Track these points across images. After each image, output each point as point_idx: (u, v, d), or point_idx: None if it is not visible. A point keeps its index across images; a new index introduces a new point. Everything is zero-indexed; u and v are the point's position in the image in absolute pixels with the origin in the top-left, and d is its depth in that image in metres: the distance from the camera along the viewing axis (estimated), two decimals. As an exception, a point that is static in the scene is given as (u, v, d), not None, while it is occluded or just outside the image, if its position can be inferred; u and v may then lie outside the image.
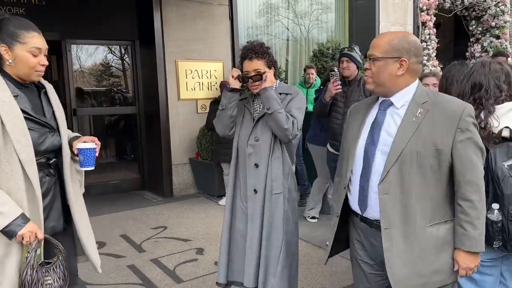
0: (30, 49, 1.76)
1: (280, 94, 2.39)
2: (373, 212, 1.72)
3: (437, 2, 8.15)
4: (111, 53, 6.50)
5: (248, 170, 2.41)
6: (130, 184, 6.28)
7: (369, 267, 1.86)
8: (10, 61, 1.73)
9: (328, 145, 3.90)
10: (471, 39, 9.10)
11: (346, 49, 3.68)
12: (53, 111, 1.90)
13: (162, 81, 5.70)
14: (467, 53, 9.16)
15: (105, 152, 7.17)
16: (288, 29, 7.61)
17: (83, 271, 3.51)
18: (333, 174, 3.91)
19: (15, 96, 1.73)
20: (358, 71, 3.68)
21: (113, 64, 6.67)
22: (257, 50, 2.33)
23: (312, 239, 4.13)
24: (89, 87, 6.63)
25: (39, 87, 1.90)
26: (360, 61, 3.68)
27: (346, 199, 1.83)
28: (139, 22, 5.91)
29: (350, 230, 1.93)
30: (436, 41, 8.15)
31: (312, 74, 5.96)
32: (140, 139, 6.26)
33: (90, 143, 1.92)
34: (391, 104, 1.71)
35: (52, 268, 1.85)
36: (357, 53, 3.65)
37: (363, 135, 1.75)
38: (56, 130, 1.87)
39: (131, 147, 6.77)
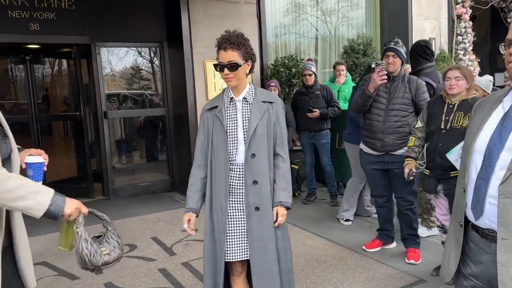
0: None
1: (264, 102, 2.25)
2: (488, 219, 1.48)
3: (473, -6, 7.82)
4: (140, 55, 6.53)
5: (246, 187, 2.23)
6: (160, 186, 6.28)
7: (472, 285, 1.61)
8: None
9: (362, 145, 3.69)
10: (510, 31, 8.69)
11: (391, 43, 3.47)
12: None
13: (190, 82, 5.66)
14: (505, 46, 8.75)
15: (135, 154, 7.23)
16: (315, 27, 7.46)
17: (114, 274, 3.50)
18: (369, 176, 3.75)
19: None
20: (402, 66, 3.51)
21: (141, 66, 6.70)
22: (232, 40, 2.17)
23: (347, 243, 3.99)
24: (119, 89, 6.69)
25: None
26: (405, 56, 3.52)
27: None
28: (167, 23, 5.90)
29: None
30: (473, 34, 7.82)
31: (342, 70, 5.83)
32: (169, 141, 6.25)
33: (38, 157, 1.82)
34: None
35: (104, 239, 1.85)
36: (402, 48, 3.47)
37: (487, 129, 1.52)
38: (6, 136, 1.70)
39: (160, 148, 6.79)
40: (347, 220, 4.57)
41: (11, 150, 1.71)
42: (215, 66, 2.24)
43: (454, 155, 2.68)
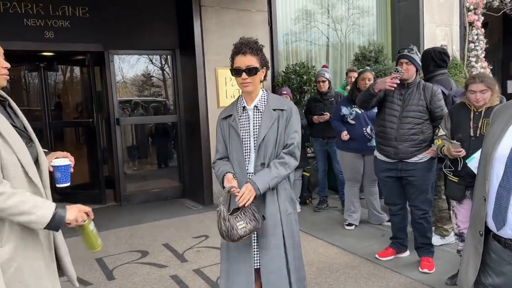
0: None
1: (274, 110, 2.23)
2: (511, 229, 1.46)
3: (485, 1, 7.77)
4: (152, 62, 6.59)
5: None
6: (171, 192, 6.30)
7: None
8: None
9: (376, 152, 3.67)
10: (522, 38, 8.63)
11: (405, 50, 3.46)
12: (22, 123, 1.84)
13: (202, 89, 5.70)
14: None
15: (147, 160, 7.27)
16: (326, 35, 7.46)
17: (126, 280, 3.51)
18: (382, 183, 3.72)
19: None
20: (417, 73, 3.50)
21: (154, 74, 6.76)
22: (251, 45, 2.18)
23: (359, 251, 3.96)
24: (131, 96, 6.75)
25: (1, 101, 1.83)
26: (420, 63, 3.51)
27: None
28: (180, 31, 5.95)
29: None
30: (485, 41, 7.77)
31: (354, 77, 5.81)
32: (181, 147, 6.28)
33: (65, 159, 1.88)
34: None
35: (241, 213, 2.09)
36: (417, 55, 3.46)
37: (508, 138, 1.49)
38: (31, 140, 1.80)
39: (172, 155, 6.82)
40: (349, 224, 4.58)
41: (37, 154, 1.79)
42: (232, 71, 2.22)
43: (474, 162, 2.64)
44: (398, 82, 3.33)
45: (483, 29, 7.82)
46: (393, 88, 3.34)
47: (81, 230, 1.81)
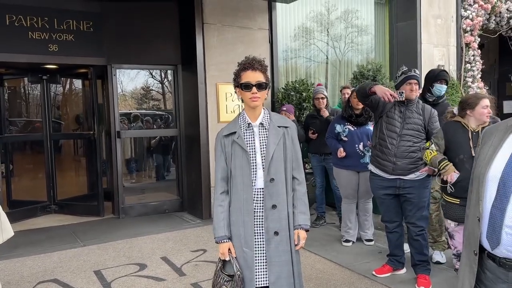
0: None
1: (280, 127, 2.31)
2: (506, 249, 1.48)
3: (482, 23, 7.94)
4: (154, 77, 6.68)
5: (265, 211, 2.26)
6: (170, 206, 6.32)
7: None
8: None
9: (372, 166, 3.71)
10: (517, 60, 8.78)
11: (413, 70, 3.58)
12: None
13: (203, 104, 5.77)
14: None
15: (146, 173, 7.31)
16: (324, 52, 7.59)
17: (125, 293, 3.51)
18: (380, 201, 3.75)
19: None
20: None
21: (155, 88, 6.85)
22: (261, 63, 2.29)
23: (356, 268, 3.98)
24: (133, 110, 6.82)
25: None
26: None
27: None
28: (182, 47, 6.06)
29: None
30: (481, 62, 7.91)
31: (348, 94, 5.83)
32: (180, 161, 6.33)
33: None
34: None
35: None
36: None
37: (500, 158, 1.53)
38: None
39: (171, 168, 6.86)
40: (347, 240, 4.62)
41: None
42: (241, 85, 2.26)
43: None
44: (397, 101, 3.43)
45: (479, 50, 7.97)
46: (387, 100, 3.40)
47: None
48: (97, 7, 5.68)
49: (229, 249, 2.27)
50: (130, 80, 6.49)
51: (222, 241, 2.28)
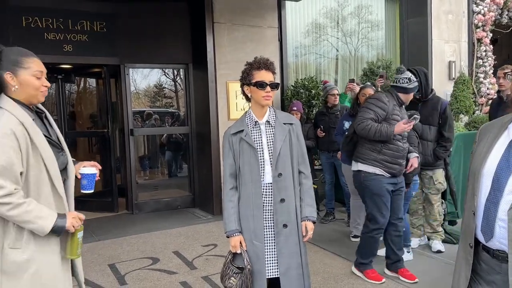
0: (34, 73, 1.89)
1: (285, 124, 2.40)
2: (498, 241, 1.54)
3: (494, 18, 7.87)
4: (166, 76, 6.80)
5: (274, 205, 2.35)
6: (182, 202, 6.45)
7: None
8: (16, 86, 1.85)
9: (376, 168, 3.55)
10: (531, 55, 8.69)
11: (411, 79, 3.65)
12: (56, 133, 2.03)
13: (213, 102, 5.87)
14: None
15: (158, 170, 7.44)
16: (336, 48, 7.61)
17: (137, 286, 3.64)
18: (386, 201, 3.71)
19: (33, 120, 1.87)
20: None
21: (167, 87, 6.96)
22: (273, 65, 2.42)
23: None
24: (145, 108, 6.96)
25: (38, 112, 2.01)
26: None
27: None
28: (193, 46, 6.16)
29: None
30: (493, 57, 7.85)
31: (350, 88, 5.71)
32: (191, 158, 6.44)
33: (92, 168, 2.07)
34: None
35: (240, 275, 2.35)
36: (415, 81, 3.67)
37: (495, 154, 1.58)
38: (62, 149, 2.00)
39: (183, 165, 6.98)
40: (355, 236, 4.67)
41: (67, 162, 1.98)
42: (257, 83, 2.33)
43: None
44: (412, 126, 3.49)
45: (491, 46, 7.91)
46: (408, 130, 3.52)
47: (69, 237, 1.95)
48: (110, 8, 5.81)
49: (240, 242, 2.36)
50: (142, 79, 6.61)
51: (234, 235, 2.37)
